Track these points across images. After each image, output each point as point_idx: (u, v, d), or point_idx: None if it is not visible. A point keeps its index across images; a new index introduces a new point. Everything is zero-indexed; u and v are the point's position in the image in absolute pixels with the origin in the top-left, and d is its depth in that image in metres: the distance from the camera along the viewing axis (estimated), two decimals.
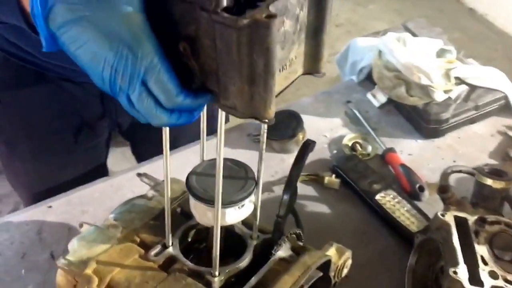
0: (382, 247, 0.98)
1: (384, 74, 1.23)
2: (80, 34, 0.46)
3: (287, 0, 0.46)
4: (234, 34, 0.42)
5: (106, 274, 0.61)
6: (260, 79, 0.45)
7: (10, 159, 1.11)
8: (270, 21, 0.41)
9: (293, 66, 0.51)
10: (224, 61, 0.45)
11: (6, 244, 0.92)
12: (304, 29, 0.50)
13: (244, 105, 0.47)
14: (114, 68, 0.46)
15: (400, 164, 1.12)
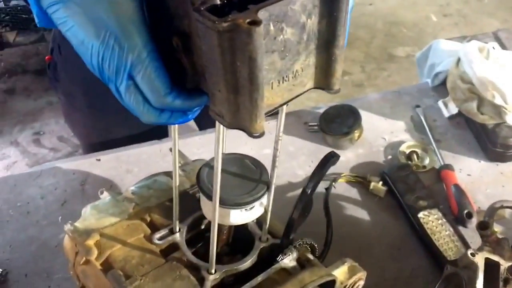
0: (413, 267, 0.91)
1: (458, 84, 1.11)
2: (68, 17, 0.43)
3: (287, 5, 0.39)
4: (215, 37, 0.37)
5: (107, 249, 0.60)
6: (245, 90, 0.40)
7: (69, 109, 1.15)
8: (251, 28, 0.36)
9: (299, 79, 0.44)
10: (209, 64, 0.41)
11: (50, 189, 0.96)
12: (314, 39, 0.43)
13: (230, 115, 0.42)
14: (101, 56, 0.43)
15: (454, 184, 1.02)
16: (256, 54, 0.37)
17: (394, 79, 3.06)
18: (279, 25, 0.40)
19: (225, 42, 0.37)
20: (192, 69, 0.44)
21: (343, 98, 2.88)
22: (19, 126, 2.51)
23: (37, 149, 2.41)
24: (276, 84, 0.43)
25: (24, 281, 0.82)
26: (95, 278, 0.60)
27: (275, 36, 0.40)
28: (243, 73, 0.39)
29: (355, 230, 0.95)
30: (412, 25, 3.52)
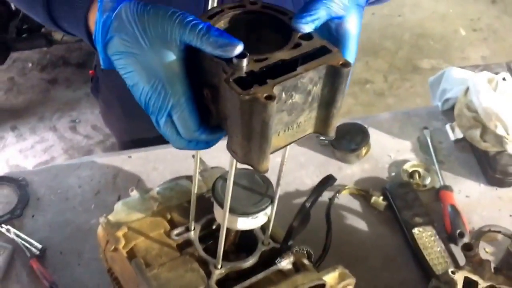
0: (404, 277, 0.98)
1: (464, 112, 1.17)
2: (128, 65, 0.54)
3: (298, 80, 0.48)
4: (238, 102, 0.47)
5: (132, 240, 0.71)
6: (256, 141, 0.49)
7: (108, 113, 1.27)
8: (267, 102, 0.45)
9: (301, 127, 0.53)
10: (231, 116, 0.50)
11: (87, 179, 1.07)
12: (317, 99, 0.52)
13: (242, 155, 0.52)
14: (149, 96, 0.54)
15: (451, 204, 1.08)
16: (268, 119, 0.47)
17: (417, 90, 3.06)
18: (290, 93, 0.49)
19: (246, 108, 0.47)
20: (216, 113, 0.54)
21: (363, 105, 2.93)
22: (58, 114, 2.66)
23: (72, 136, 2.55)
24: (282, 133, 0.52)
25: (59, 257, 0.94)
26: (121, 263, 0.70)
27: (285, 101, 0.49)
28: (257, 129, 0.48)
29: (353, 239, 1.03)
30: (440, 38, 3.50)
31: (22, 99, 2.74)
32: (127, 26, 0.53)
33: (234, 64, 0.48)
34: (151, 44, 0.53)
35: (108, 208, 1.00)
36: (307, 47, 0.51)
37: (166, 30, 0.52)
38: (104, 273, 0.89)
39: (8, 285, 0.89)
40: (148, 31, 0.53)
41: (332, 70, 0.50)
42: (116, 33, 0.54)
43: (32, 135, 2.54)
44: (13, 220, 0.98)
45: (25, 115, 2.64)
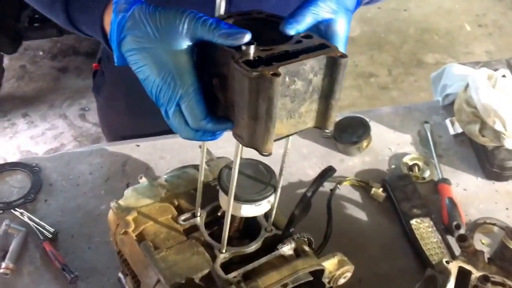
0: (401, 266, 1.01)
1: (464, 107, 1.19)
2: (140, 60, 0.58)
3: (300, 65, 0.53)
4: (246, 81, 0.51)
5: (141, 224, 0.73)
6: (262, 119, 0.53)
7: (107, 112, 1.30)
8: (273, 78, 0.50)
9: (302, 118, 0.57)
10: (238, 99, 0.54)
11: (97, 166, 1.10)
12: (317, 91, 0.56)
13: (247, 137, 0.55)
14: (159, 88, 0.58)
15: (448, 196, 1.11)
16: (273, 96, 0.51)
17: (421, 84, 3.07)
18: (293, 78, 0.53)
19: (253, 85, 0.51)
20: (224, 101, 0.58)
21: (367, 98, 2.95)
22: (68, 101, 2.69)
23: (82, 123, 2.58)
24: (285, 120, 0.56)
25: (70, 241, 0.97)
26: (131, 246, 0.73)
27: (288, 85, 0.53)
28: (263, 107, 0.52)
29: (353, 228, 1.06)
30: (445, 33, 3.50)
31: (33, 86, 2.78)
32: (140, 24, 0.57)
33: (243, 51, 0.53)
34: (162, 39, 0.56)
35: (117, 194, 1.03)
36: (307, 43, 0.56)
37: (177, 26, 0.56)
38: (113, 256, 0.92)
39: (22, 265, 0.92)
40: (160, 28, 0.56)
41: (331, 61, 0.54)
42: (130, 31, 0.57)
43: (43, 122, 2.58)
44: (27, 204, 1.01)
45: (36, 102, 2.67)
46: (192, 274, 0.68)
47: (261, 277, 0.68)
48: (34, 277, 0.91)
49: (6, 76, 2.66)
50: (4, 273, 0.88)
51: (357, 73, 3.10)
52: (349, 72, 3.08)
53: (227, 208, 0.67)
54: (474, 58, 3.15)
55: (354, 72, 3.09)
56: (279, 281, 0.68)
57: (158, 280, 0.68)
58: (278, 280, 0.68)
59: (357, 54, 3.19)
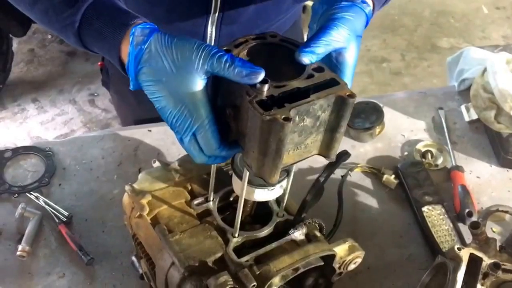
0: (411, 253, 1.02)
1: (480, 93, 1.20)
2: (156, 91, 0.61)
3: (310, 105, 0.57)
4: (259, 122, 0.55)
5: (156, 208, 0.76)
6: (271, 156, 0.57)
7: (121, 106, 1.33)
8: (284, 123, 0.54)
9: (308, 148, 0.62)
10: (250, 133, 0.58)
11: (110, 151, 1.12)
12: (323, 124, 0.60)
13: (256, 168, 0.60)
14: (176, 119, 0.62)
15: (461, 184, 1.12)
16: (284, 138, 0.55)
17: (434, 70, 3.03)
18: (302, 117, 0.57)
19: (265, 127, 0.55)
20: (236, 130, 0.62)
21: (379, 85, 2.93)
22: (77, 86, 2.72)
23: (91, 109, 2.61)
24: (291, 151, 0.60)
25: (84, 224, 1.00)
26: (145, 229, 0.75)
27: (297, 123, 0.57)
28: (272, 146, 0.56)
29: (363, 215, 1.08)
30: (461, 15, 3.45)
31: (42, 71, 2.81)
32: (156, 57, 0.60)
33: (257, 88, 0.56)
34: (179, 73, 0.59)
35: (130, 179, 1.06)
36: (318, 78, 0.60)
37: (193, 61, 0.59)
38: (126, 240, 0.95)
39: (37, 248, 0.95)
40: (176, 62, 0.60)
41: (340, 100, 0.58)
42: (147, 64, 0.61)
43: (53, 108, 2.61)
44: (41, 188, 1.04)
45: (46, 87, 2.70)
46: (205, 257, 0.71)
47: (273, 261, 0.70)
48: (49, 259, 0.94)
49: (15, 60, 2.69)
50: (20, 256, 0.91)
51: (369, 57, 3.08)
52: (361, 57, 3.06)
53: (240, 192, 0.70)
54: (490, 43, 3.11)
55: (366, 57, 3.07)
56: (290, 265, 0.70)
57: (173, 262, 0.70)
58: (290, 264, 0.70)
59: (369, 38, 3.16)
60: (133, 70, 0.62)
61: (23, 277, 0.91)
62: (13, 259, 0.93)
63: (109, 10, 0.66)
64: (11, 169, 1.08)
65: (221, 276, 0.66)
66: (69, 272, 0.93)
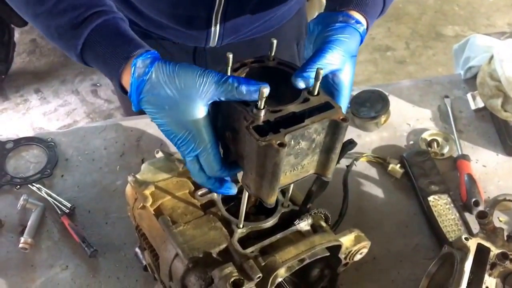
0: (417, 243, 1.01)
1: (487, 81, 1.17)
2: (159, 118, 0.62)
3: (305, 130, 0.58)
4: (255, 146, 0.57)
5: (159, 198, 0.75)
6: (268, 179, 0.59)
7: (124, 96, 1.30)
8: (279, 149, 0.55)
9: (305, 168, 0.63)
10: (248, 156, 0.60)
11: (112, 141, 1.11)
12: (319, 146, 0.62)
13: (254, 189, 0.62)
14: (180, 141, 0.63)
15: (467, 173, 1.10)
16: (279, 162, 0.57)
17: (439, 58, 3.01)
18: (297, 140, 0.59)
19: (262, 151, 0.57)
20: (235, 151, 0.64)
21: (383, 73, 2.91)
22: (80, 77, 2.70)
23: (94, 99, 2.60)
24: (288, 172, 0.62)
25: (87, 216, 0.99)
26: (149, 220, 0.74)
27: (293, 147, 0.59)
28: (269, 169, 0.58)
29: (369, 205, 1.06)
30: (466, 3, 3.41)
31: (45, 61, 2.79)
32: (158, 87, 0.61)
33: (254, 113, 0.58)
34: (182, 101, 0.60)
35: (133, 169, 1.06)
36: (313, 102, 0.61)
37: (197, 89, 0.59)
38: (129, 232, 0.94)
39: (40, 240, 0.94)
40: (179, 90, 0.60)
41: (334, 123, 0.60)
42: (149, 94, 0.61)
43: (55, 98, 2.60)
44: (44, 179, 1.03)
45: (48, 78, 2.69)
46: (210, 248, 0.69)
47: (278, 252, 0.69)
48: (52, 251, 0.93)
49: (17, 51, 2.67)
50: (23, 248, 0.91)
51: (373, 46, 3.05)
52: (365, 45, 3.04)
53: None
54: (495, 31, 3.08)
55: (371, 45, 3.04)
56: (296, 256, 0.69)
57: (177, 254, 0.69)
58: (296, 255, 0.69)
59: (374, 27, 3.10)
60: (135, 99, 0.62)
61: (25, 269, 0.91)
62: (15, 252, 0.92)
63: (112, 37, 0.66)
64: (13, 160, 1.07)
65: (226, 267, 0.65)
66: (72, 264, 0.92)
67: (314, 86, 0.62)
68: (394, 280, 0.95)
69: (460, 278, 0.78)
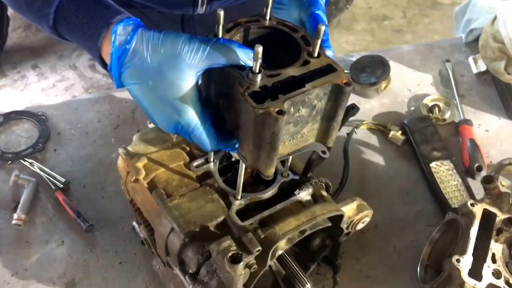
0: (418, 210, 0.97)
1: (490, 43, 1.11)
2: (142, 95, 0.55)
3: (306, 95, 0.52)
4: (252, 115, 0.50)
5: (152, 171, 0.69)
6: (266, 149, 0.53)
7: None
8: (278, 117, 0.49)
9: (304, 137, 0.57)
10: (244, 126, 0.53)
11: (106, 114, 1.05)
12: (320, 113, 0.56)
13: (251, 160, 0.56)
14: (166, 124, 0.56)
15: (470, 138, 1.05)
16: (278, 131, 0.51)
17: (435, 27, 2.94)
18: (297, 107, 0.52)
19: (259, 120, 0.50)
20: (230, 121, 0.57)
21: (380, 43, 2.83)
22: (77, 52, 2.61)
23: (92, 74, 2.52)
24: (287, 142, 0.56)
25: (82, 191, 0.94)
26: (142, 194, 0.69)
27: (293, 114, 0.53)
28: (267, 139, 0.52)
29: (370, 173, 1.01)
30: None
31: (41, 36, 2.69)
32: (142, 58, 0.52)
33: (250, 78, 0.51)
34: (168, 73, 0.52)
35: (128, 142, 0.98)
36: (314, 65, 0.54)
37: (183, 58, 0.52)
38: (127, 206, 0.89)
39: (34, 217, 0.90)
40: (165, 60, 0.52)
41: (336, 88, 0.54)
42: (131, 65, 0.53)
43: (53, 74, 2.52)
44: (36, 154, 0.97)
45: (45, 53, 2.60)
46: (207, 221, 0.65)
47: (278, 223, 0.64)
48: (47, 227, 0.88)
49: (12, 26, 2.57)
50: (16, 224, 0.86)
51: (370, 15, 2.97)
52: (363, 15, 2.95)
53: None
54: None
55: (368, 15, 2.95)
56: (297, 227, 0.64)
57: (172, 228, 0.64)
58: (296, 226, 0.64)
59: None
60: (116, 72, 0.55)
61: (20, 246, 0.86)
62: (9, 228, 0.87)
63: (88, 3, 0.58)
64: (4, 135, 1.01)
65: (224, 241, 0.60)
66: (68, 240, 0.87)
67: (314, 46, 0.55)
68: (396, 247, 0.91)
69: (466, 245, 0.73)
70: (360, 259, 0.89)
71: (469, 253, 0.72)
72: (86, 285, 0.82)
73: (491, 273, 0.71)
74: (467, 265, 0.71)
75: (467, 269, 0.71)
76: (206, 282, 0.63)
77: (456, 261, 0.71)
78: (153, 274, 0.83)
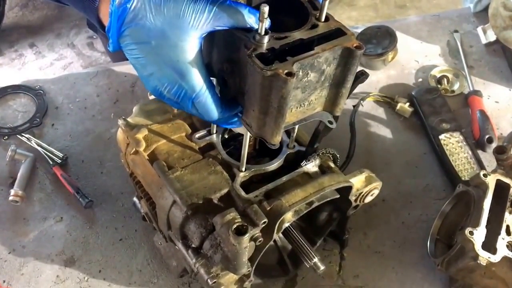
0: (427, 183, 0.94)
1: (500, 12, 1.06)
2: (143, 57, 0.50)
3: (315, 59, 0.49)
4: (259, 77, 0.47)
5: (153, 142, 0.66)
6: (272, 115, 0.50)
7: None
8: (287, 78, 0.46)
9: (312, 105, 0.54)
10: (250, 91, 0.50)
11: (105, 88, 1.01)
12: (329, 79, 0.52)
13: (257, 128, 0.53)
14: (167, 89, 0.51)
15: (480, 109, 1.01)
16: (286, 95, 0.48)
17: (439, 2, 2.88)
18: (306, 71, 0.50)
19: (266, 83, 0.47)
20: (234, 87, 0.54)
21: (384, 18, 2.77)
22: (75, 30, 2.55)
23: (90, 52, 2.46)
24: (294, 109, 0.53)
25: (81, 166, 0.91)
26: (143, 166, 0.66)
27: (301, 79, 0.50)
28: (274, 104, 0.49)
29: (377, 146, 0.98)
30: None
31: (38, 15, 2.64)
32: (143, 17, 0.49)
33: (256, 40, 0.48)
34: (171, 33, 0.49)
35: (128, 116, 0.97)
36: (323, 28, 0.52)
37: (188, 18, 0.48)
38: (127, 181, 0.86)
39: (32, 192, 0.87)
40: (167, 20, 0.49)
41: (347, 52, 0.51)
42: (132, 25, 0.49)
43: (51, 52, 2.47)
44: (33, 129, 0.94)
45: (42, 31, 2.54)
46: (210, 194, 0.61)
47: (285, 195, 0.61)
48: (45, 204, 0.86)
49: (9, 5, 2.51)
50: (13, 201, 0.83)
51: None
52: None
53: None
54: None
55: None
56: (304, 198, 0.61)
57: (174, 201, 0.61)
58: (303, 198, 0.61)
59: None
60: (115, 32, 0.50)
61: (17, 222, 0.83)
62: (6, 205, 0.84)
63: None
64: (0, 110, 0.98)
65: (228, 213, 0.57)
66: (67, 216, 0.84)
67: (322, 9, 0.52)
68: (404, 221, 0.88)
69: (479, 217, 0.70)
70: (368, 234, 0.86)
71: (482, 226, 0.69)
72: (85, 262, 0.80)
73: (505, 245, 0.69)
74: (480, 237, 0.68)
75: (481, 242, 0.68)
76: (209, 256, 0.60)
77: (469, 234, 0.68)
78: (154, 251, 0.80)
